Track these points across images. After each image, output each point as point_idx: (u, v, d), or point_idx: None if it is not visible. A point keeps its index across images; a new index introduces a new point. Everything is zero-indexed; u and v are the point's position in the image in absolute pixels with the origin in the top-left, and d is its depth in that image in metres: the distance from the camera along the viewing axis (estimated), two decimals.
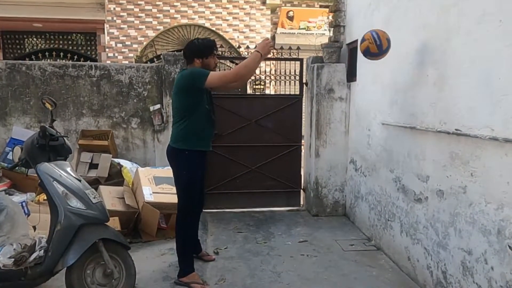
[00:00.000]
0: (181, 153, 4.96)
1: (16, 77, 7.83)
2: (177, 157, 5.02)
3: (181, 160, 4.99)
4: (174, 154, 5.06)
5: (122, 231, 5.91)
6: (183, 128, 4.95)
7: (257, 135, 8.27)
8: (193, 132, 4.94)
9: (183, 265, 5.12)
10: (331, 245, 6.48)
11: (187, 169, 4.97)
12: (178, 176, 5.08)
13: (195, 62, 5.03)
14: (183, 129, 4.95)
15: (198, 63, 5.02)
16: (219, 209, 8.19)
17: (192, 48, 5.08)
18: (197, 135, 4.96)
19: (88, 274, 4.32)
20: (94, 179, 7.16)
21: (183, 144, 4.94)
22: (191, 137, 4.93)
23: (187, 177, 4.98)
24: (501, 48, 3.68)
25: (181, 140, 4.95)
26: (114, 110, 8.13)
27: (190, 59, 5.08)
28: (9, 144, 7.22)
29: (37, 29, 17.05)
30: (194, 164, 4.99)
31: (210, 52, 5.09)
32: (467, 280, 4.17)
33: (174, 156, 5.07)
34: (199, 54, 5.02)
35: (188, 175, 4.98)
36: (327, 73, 7.72)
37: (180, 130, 4.97)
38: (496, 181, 3.74)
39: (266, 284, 5.19)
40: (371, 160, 6.66)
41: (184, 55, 5.20)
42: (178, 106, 5.03)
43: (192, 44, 5.12)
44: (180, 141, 4.96)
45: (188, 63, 5.13)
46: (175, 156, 5.05)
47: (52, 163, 4.43)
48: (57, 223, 4.23)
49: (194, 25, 15.64)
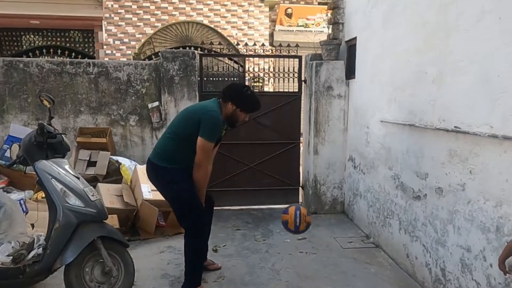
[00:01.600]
0: (163, 169, 4.74)
1: (13, 74, 7.82)
2: (158, 173, 4.82)
3: (162, 176, 4.79)
4: (154, 170, 4.85)
5: (121, 229, 5.90)
6: (169, 146, 4.77)
7: (256, 132, 8.29)
8: (177, 155, 4.72)
9: (190, 277, 4.85)
10: (329, 243, 6.50)
11: (174, 182, 4.72)
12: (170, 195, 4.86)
13: (228, 105, 4.78)
14: (169, 147, 4.76)
15: (230, 109, 4.79)
16: (217, 206, 8.11)
17: (238, 94, 4.83)
18: (179, 159, 4.72)
19: (86, 272, 4.32)
20: (92, 176, 7.15)
21: (162, 162, 4.74)
22: (172, 159, 4.71)
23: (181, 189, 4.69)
24: (500, 46, 3.69)
25: (162, 158, 4.75)
26: (112, 108, 8.13)
27: (227, 99, 4.80)
28: (7, 142, 7.20)
29: (34, 26, 17.03)
30: (178, 174, 4.73)
31: (250, 110, 4.94)
32: (465, 277, 4.18)
33: (155, 173, 4.87)
34: (239, 104, 4.80)
35: (181, 186, 4.70)
36: (326, 70, 7.73)
37: (166, 147, 4.79)
38: (495, 179, 3.75)
39: (265, 282, 5.21)
40: (369, 158, 6.67)
41: (225, 91, 4.89)
42: (178, 124, 4.81)
43: (240, 91, 4.87)
44: (160, 159, 4.77)
45: (223, 100, 4.83)
46: (156, 173, 4.85)
47: (50, 161, 4.43)
48: (56, 220, 4.24)
49: (192, 22, 15.61)
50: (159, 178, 4.82)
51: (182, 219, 4.86)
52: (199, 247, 4.91)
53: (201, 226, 4.82)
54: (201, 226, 4.82)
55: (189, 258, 4.81)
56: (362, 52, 7.02)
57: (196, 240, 4.81)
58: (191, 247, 4.79)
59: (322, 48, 7.89)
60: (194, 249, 4.81)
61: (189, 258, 4.81)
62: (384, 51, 6.05)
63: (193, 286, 4.84)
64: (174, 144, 4.74)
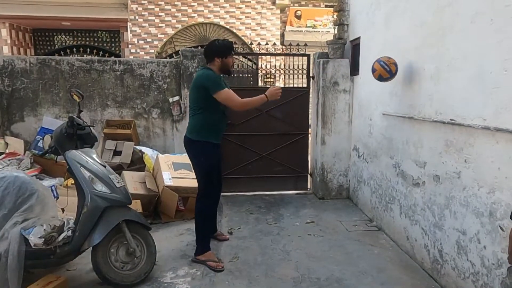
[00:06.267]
0: (195, 143, 4.99)
1: (46, 71, 7.86)
2: (193, 146, 5.05)
3: (197, 149, 5.02)
4: (189, 144, 5.07)
5: (144, 213, 5.94)
6: (197, 120, 4.99)
7: (268, 124, 8.26)
8: (206, 125, 4.97)
9: (200, 244, 5.15)
10: (336, 226, 6.48)
11: (203, 156, 5.00)
12: (196, 164, 5.11)
13: (215, 61, 5.04)
14: (197, 121, 4.99)
15: (218, 62, 5.03)
16: (232, 192, 8.20)
17: (213, 48, 5.08)
18: (209, 128, 4.99)
19: (112, 252, 4.37)
20: (118, 165, 7.20)
21: (197, 136, 4.97)
22: (203, 129, 4.96)
23: (204, 164, 5.01)
24: (493, 45, 3.65)
25: (195, 132, 4.99)
26: (136, 102, 8.14)
27: (210, 58, 5.07)
28: (40, 133, 7.24)
29: (65, 27, 17.10)
30: (208, 152, 5.00)
31: (229, 52, 5.10)
32: (461, 258, 4.16)
33: (189, 145, 5.08)
34: (220, 53, 5.03)
35: (205, 162, 5.01)
36: (332, 67, 7.69)
37: (195, 122, 5.02)
38: (488, 167, 3.72)
39: (276, 262, 5.20)
40: (372, 148, 6.64)
41: (205, 54, 5.16)
42: (194, 99, 5.02)
43: (213, 45, 5.12)
44: (194, 133, 5.00)
45: (209, 62, 5.11)
46: (191, 146, 5.07)
47: (79, 150, 4.47)
48: (84, 205, 4.28)
49: (209, 23, 15.57)
50: (192, 149, 5.11)
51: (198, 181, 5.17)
52: (207, 211, 5.24)
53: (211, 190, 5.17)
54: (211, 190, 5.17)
55: (198, 223, 5.16)
56: (365, 50, 6.97)
57: (205, 200, 5.14)
58: (200, 210, 5.13)
59: (328, 47, 7.85)
60: (203, 212, 5.15)
61: (198, 224, 5.16)
62: (386, 49, 6.00)
63: (203, 251, 5.13)
64: (198, 118, 5.00)
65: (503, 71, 3.52)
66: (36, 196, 4.38)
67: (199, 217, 5.12)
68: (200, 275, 4.81)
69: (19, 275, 3.95)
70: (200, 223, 5.14)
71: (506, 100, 3.47)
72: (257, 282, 4.69)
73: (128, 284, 4.40)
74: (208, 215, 5.30)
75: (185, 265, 5.05)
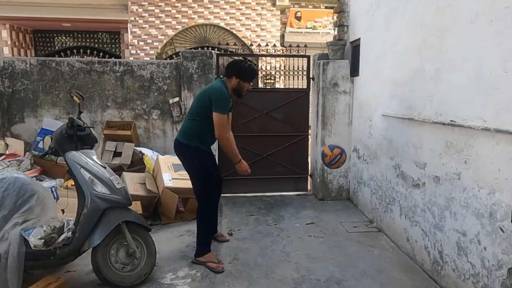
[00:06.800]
0: (186, 146, 5.02)
1: (46, 72, 7.85)
2: (184, 150, 5.08)
3: (189, 152, 5.05)
4: (180, 147, 5.10)
5: (144, 214, 5.94)
6: (193, 126, 5.03)
7: (268, 125, 8.27)
8: (200, 133, 5.00)
9: (200, 246, 5.15)
10: (336, 227, 6.47)
11: (196, 159, 5.03)
12: (189, 168, 5.12)
13: (232, 79, 5.06)
14: (193, 127, 5.02)
15: (235, 81, 5.06)
16: (232, 193, 8.20)
17: (237, 67, 5.10)
18: (202, 136, 5.03)
19: (112, 254, 4.37)
20: (118, 166, 7.18)
21: (189, 140, 5.01)
22: (197, 136, 5.00)
23: (198, 166, 5.02)
24: (492, 46, 3.65)
25: (188, 137, 5.02)
26: (137, 103, 8.13)
27: (230, 74, 5.08)
28: (40, 134, 7.23)
29: (66, 28, 17.17)
30: (200, 154, 5.03)
31: (250, 79, 5.15)
32: (461, 260, 4.16)
33: (180, 149, 5.11)
34: (240, 75, 5.06)
35: (199, 164, 5.02)
36: (332, 68, 7.69)
37: (190, 127, 5.04)
38: (488, 168, 3.72)
39: (276, 263, 5.20)
40: (372, 149, 6.63)
41: (227, 68, 5.19)
42: (198, 105, 5.03)
43: (239, 64, 5.14)
44: (186, 137, 5.03)
45: (227, 76, 5.12)
46: (182, 149, 5.09)
47: (79, 152, 4.47)
48: (84, 206, 4.28)
49: (210, 24, 15.55)
50: (184, 153, 5.11)
51: (196, 189, 5.16)
52: (208, 214, 5.20)
53: (211, 196, 5.17)
54: (211, 196, 5.17)
55: (199, 226, 5.14)
56: (365, 51, 6.97)
57: (206, 207, 5.13)
58: (201, 214, 5.13)
59: (328, 48, 7.85)
60: (204, 216, 5.13)
61: (199, 226, 5.14)
62: (386, 51, 6.01)
63: (203, 253, 5.13)
64: (194, 124, 5.02)
65: (503, 72, 3.51)
66: (36, 197, 4.39)
67: (201, 220, 5.12)
68: (200, 276, 4.80)
69: (19, 276, 3.95)
70: (201, 225, 5.14)
71: (506, 101, 3.47)
72: (257, 283, 4.68)
73: (128, 285, 4.39)
74: (209, 218, 5.28)
75: (185, 266, 5.04)
